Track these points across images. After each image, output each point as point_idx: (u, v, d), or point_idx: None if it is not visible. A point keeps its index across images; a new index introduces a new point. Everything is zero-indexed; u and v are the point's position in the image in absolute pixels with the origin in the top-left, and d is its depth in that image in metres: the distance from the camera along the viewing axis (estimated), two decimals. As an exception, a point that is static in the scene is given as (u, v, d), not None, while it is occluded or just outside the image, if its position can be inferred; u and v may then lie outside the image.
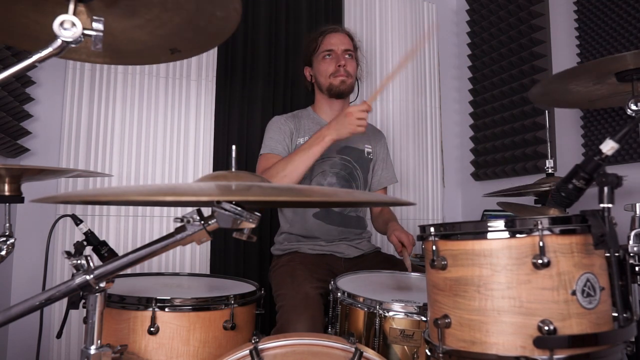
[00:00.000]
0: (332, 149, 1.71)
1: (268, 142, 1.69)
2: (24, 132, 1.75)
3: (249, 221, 0.67)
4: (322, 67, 1.71)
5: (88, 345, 0.70)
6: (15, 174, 0.98)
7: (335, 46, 1.71)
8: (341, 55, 1.70)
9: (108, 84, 1.92)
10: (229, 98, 2.09)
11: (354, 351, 0.83)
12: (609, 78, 1.05)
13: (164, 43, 0.91)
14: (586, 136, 1.78)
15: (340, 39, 1.73)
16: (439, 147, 2.57)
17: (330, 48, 1.71)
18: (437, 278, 0.79)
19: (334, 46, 1.71)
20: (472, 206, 2.51)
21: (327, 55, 1.71)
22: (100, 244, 1.14)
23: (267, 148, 1.68)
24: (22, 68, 0.68)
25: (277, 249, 1.73)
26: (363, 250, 1.71)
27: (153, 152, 1.96)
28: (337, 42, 1.72)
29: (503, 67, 2.23)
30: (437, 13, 2.63)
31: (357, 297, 1.12)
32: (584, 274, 0.70)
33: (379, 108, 2.41)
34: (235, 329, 1.09)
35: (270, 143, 1.68)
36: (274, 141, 1.68)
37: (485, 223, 0.74)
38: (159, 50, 0.94)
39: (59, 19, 0.67)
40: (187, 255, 1.95)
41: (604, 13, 1.72)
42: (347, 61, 1.71)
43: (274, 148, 1.66)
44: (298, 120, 1.74)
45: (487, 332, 0.71)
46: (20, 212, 1.75)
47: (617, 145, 0.80)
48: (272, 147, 1.67)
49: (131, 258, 0.69)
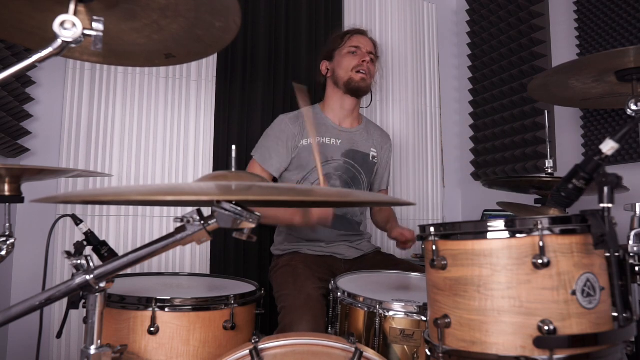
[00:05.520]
0: (337, 151, 1.71)
1: (262, 151, 1.69)
2: (24, 132, 1.74)
3: (249, 221, 0.67)
4: (346, 61, 1.72)
5: (88, 345, 0.70)
6: (15, 174, 0.98)
7: (362, 45, 1.74)
8: (366, 54, 1.73)
9: (108, 84, 1.92)
10: (229, 98, 2.09)
11: (354, 351, 0.83)
12: (608, 76, 1.05)
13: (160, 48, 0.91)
14: (586, 136, 1.78)
15: (367, 41, 1.78)
16: (439, 147, 2.57)
17: (358, 45, 1.74)
18: (437, 278, 0.79)
19: (361, 44, 1.74)
20: (472, 206, 2.51)
21: (353, 51, 1.73)
22: (100, 244, 1.14)
23: (259, 156, 1.69)
24: (22, 68, 0.68)
25: (277, 249, 1.73)
26: (363, 251, 1.71)
27: (153, 152, 1.96)
28: (364, 42, 1.76)
29: (503, 67, 2.22)
30: (437, 13, 2.63)
31: (357, 297, 1.12)
32: (584, 274, 0.70)
33: (379, 108, 2.41)
34: (235, 329, 1.09)
35: (264, 153, 1.68)
36: (268, 153, 1.67)
37: (485, 223, 0.74)
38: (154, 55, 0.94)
39: (59, 18, 0.67)
40: (187, 255, 1.95)
41: (604, 13, 1.72)
42: (370, 62, 1.73)
43: (265, 161, 1.67)
44: (303, 121, 1.73)
45: (487, 332, 0.71)
46: (20, 212, 1.75)
47: (617, 145, 0.80)
48: (265, 158, 1.67)
49: (131, 258, 0.69)
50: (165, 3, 0.79)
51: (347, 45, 1.74)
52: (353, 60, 1.71)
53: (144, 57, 0.97)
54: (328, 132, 1.72)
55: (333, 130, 1.73)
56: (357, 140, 1.76)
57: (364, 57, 1.71)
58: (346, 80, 1.70)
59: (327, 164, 1.68)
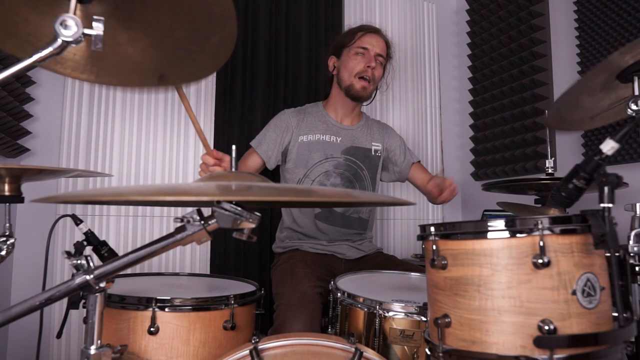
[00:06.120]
0: (336, 149, 1.71)
1: (259, 137, 1.72)
2: (24, 132, 1.75)
3: (249, 221, 0.67)
4: (351, 62, 1.68)
5: (88, 345, 0.70)
6: (15, 174, 0.98)
7: (371, 46, 1.68)
8: (373, 57, 1.68)
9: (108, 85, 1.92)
10: (229, 98, 2.09)
11: (354, 351, 0.83)
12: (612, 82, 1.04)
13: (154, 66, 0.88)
14: (586, 136, 1.78)
15: (378, 41, 1.71)
16: (439, 147, 2.57)
17: (366, 46, 1.68)
18: (437, 277, 0.79)
19: (369, 45, 1.68)
20: (472, 206, 2.51)
21: (360, 52, 1.68)
22: (100, 244, 1.14)
23: (256, 142, 1.71)
24: (22, 68, 0.68)
25: (279, 247, 1.73)
26: (364, 252, 1.71)
27: (153, 152, 1.96)
28: (374, 43, 1.69)
29: (503, 67, 2.23)
30: (437, 13, 2.63)
31: (357, 297, 1.11)
32: (584, 273, 0.70)
33: (379, 108, 2.41)
34: (235, 329, 1.09)
35: (260, 138, 1.70)
36: (263, 137, 1.70)
37: (485, 223, 0.74)
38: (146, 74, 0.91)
39: (59, 18, 0.67)
40: (187, 255, 1.95)
41: (604, 13, 1.72)
42: (376, 66, 1.68)
43: (259, 145, 1.69)
44: (303, 117, 1.73)
45: (487, 331, 0.71)
46: (20, 212, 1.75)
47: (617, 145, 0.80)
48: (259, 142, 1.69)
49: (131, 258, 0.69)
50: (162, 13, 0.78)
51: (356, 45, 1.69)
52: (359, 64, 1.67)
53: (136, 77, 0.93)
54: (328, 130, 1.72)
55: (333, 128, 1.73)
56: (358, 137, 1.76)
57: (370, 62, 1.66)
58: (348, 84, 1.68)
59: (327, 161, 1.68)
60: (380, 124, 1.89)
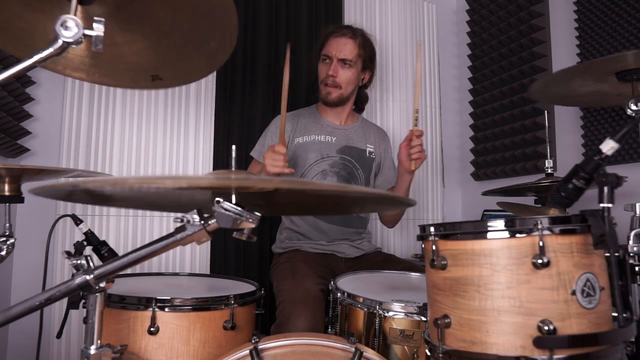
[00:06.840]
0: (332, 148, 1.72)
1: (259, 148, 1.71)
2: (24, 132, 1.75)
3: (249, 221, 0.67)
4: (319, 69, 1.72)
5: (88, 345, 0.70)
6: (15, 174, 0.98)
7: (335, 51, 1.65)
8: (335, 64, 1.64)
9: (108, 84, 1.92)
10: (229, 98, 2.09)
11: (354, 351, 0.83)
12: (609, 77, 1.05)
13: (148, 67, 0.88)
14: (586, 136, 1.78)
15: (341, 44, 1.65)
16: (439, 147, 2.57)
17: (327, 54, 1.67)
18: (437, 278, 0.79)
19: (330, 52, 1.66)
20: (472, 206, 2.51)
21: (325, 59, 1.69)
22: (100, 244, 1.14)
23: (257, 153, 1.72)
24: (22, 68, 0.68)
25: (278, 247, 1.73)
26: (364, 250, 1.71)
27: (153, 152, 1.96)
28: (337, 47, 1.65)
29: (503, 67, 2.22)
30: (437, 13, 2.63)
31: (357, 297, 1.12)
32: (583, 273, 0.70)
33: (378, 108, 2.41)
34: (235, 329, 1.09)
35: (261, 150, 1.69)
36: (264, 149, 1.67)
37: (485, 223, 0.74)
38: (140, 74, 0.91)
39: (60, 19, 0.67)
40: (187, 255, 1.95)
41: (604, 13, 1.72)
42: (341, 71, 1.65)
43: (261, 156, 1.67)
44: (297, 120, 1.75)
45: (487, 332, 0.71)
46: (20, 212, 1.74)
47: (617, 145, 0.80)
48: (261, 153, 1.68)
49: (131, 258, 0.69)
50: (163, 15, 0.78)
51: (322, 53, 1.69)
52: (322, 72, 1.69)
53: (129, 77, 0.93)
54: (323, 130, 1.74)
55: (327, 128, 1.75)
56: (353, 137, 1.77)
57: (329, 70, 1.63)
58: (319, 91, 1.71)
59: (323, 161, 1.69)
60: (379, 129, 1.89)
